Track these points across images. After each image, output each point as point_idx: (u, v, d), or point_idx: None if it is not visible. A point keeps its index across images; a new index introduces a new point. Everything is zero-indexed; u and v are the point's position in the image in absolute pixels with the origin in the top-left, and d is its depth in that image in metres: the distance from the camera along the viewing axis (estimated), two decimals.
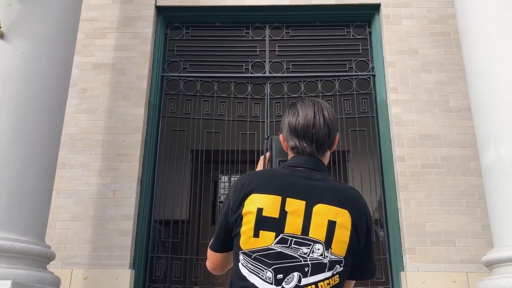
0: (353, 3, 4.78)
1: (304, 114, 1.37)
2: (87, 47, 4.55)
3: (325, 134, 1.36)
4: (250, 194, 1.28)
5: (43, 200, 3.06)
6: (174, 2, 4.81)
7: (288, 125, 1.39)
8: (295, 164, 1.36)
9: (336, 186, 1.33)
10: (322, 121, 1.36)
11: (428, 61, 4.45)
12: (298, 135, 1.36)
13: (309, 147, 1.35)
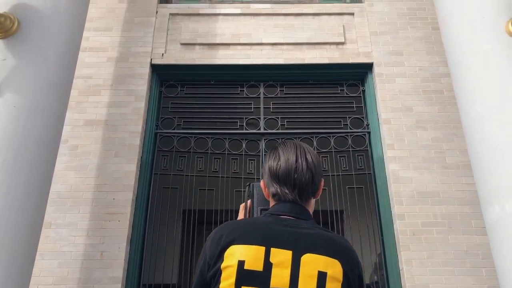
0: (346, 63, 4.86)
1: (285, 158, 1.27)
2: (80, 104, 4.51)
3: (308, 180, 1.26)
4: (230, 246, 1.14)
5: (25, 263, 2.86)
6: (170, 60, 4.85)
7: (268, 169, 1.29)
8: (278, 212, 1.24)
9: (325, 235, 1.21)
10: (305, 165, 1.26)
11: (423, 118, 4.46)
12: (279, 180, 1.26)
13: (291, 194, 1.25)
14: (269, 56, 4.91)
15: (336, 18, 5.11)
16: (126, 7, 5.08)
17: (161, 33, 4.98)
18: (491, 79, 3.13)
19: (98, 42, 4.83)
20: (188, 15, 5.15)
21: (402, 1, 5.12)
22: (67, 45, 3.37)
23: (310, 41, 4.95)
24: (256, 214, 1.40)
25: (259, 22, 5.10)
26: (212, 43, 4.95)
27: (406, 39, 4.89)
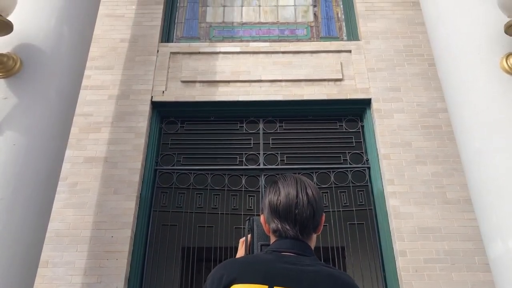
0: (344, 99, 4.91)
1: (286, 192, 1.26)
2: (81, 141, 4.54)
3: (309, 215, 1.24)
4: (232, 285, 1.12)
5: None
6: (170, 97, 4.91)
7: (268, 204, 1.27)
8: (280, 249, 1.22)
9: (328, 272, 1.19)
10: (305, 200, 1.24)
11: (422, 153, 4.47)
12: (280, 215, 1.24)
13: (292, 230, 1.22)
14: (268, 92, 4.97)
15: (334, 55, 5.20)
16: (127, 46, 5.18)
17: (162, 71, 5.07)
18: (488, 115, 3.14)
19: (99, 80, 4.90)
20: (189, 53, 5.24)
21: (398, 38, 5.22)
22: (69, 84, 3.42)
23: (308, 77, 5.02)
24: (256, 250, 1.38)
25: (258, 60, 5.19)
26: (212, 80, 5.02)
27: (403, 75, 4.96)
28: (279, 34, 5.64)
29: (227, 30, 5.69)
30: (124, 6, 5.51)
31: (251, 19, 5.78)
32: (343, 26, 5.65)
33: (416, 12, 5.40)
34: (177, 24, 5.74)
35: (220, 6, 5.92)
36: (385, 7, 5.47)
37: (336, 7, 5.85)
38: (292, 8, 5.87)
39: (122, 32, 5.30)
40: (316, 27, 5.68)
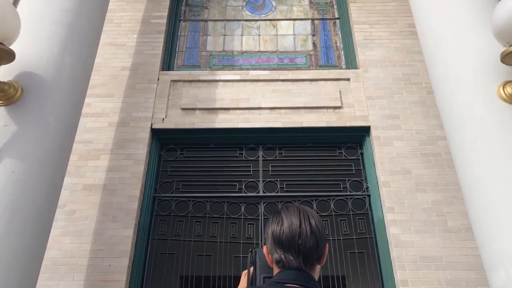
0: (343, 126, 4.93)
1: (289, 222, 1.25)
2: (80, 168, 4.53)
3: (312, 245, 1.23)
4: None
5: None
6: (170, 125, 4.93)
7: (271, 235, 1.26)
8: (283, 280, 1.20)
9: None
10: (309, 230, 1.23)
11: (422, 181, 4.45)
12: (283, 246, 1.23)
13: (295, 260, 1.21)
14: (268, 120, 4.99)
15: (333, 83, 5.25)
16: (128, 74, 5.24)
17: (162, 99, 5.10)
18: (486, 143, 3.15)
19: (100, 108, 4.94)
20: (189, 81, 5.30)
21: (396, 67, 5.28)
22: (69, 112, 3.44)
23: (307, 105, 5.06)
24: (259, 283, 1.35)
25: (257, 88, 5.23)
26: (212, 107, 5.06)
27: (402, 103, 5.00)
28: (279, 62, 5.71)
29: (227, 59, 5.76)
30: (126, 35, 5.60)
31: (251, 48, 5.86)
32: (342, 54, 5.73)
33: (413, 41, 5.48)
34: (178, 52, 5.82)
35: (220, 35, 6.01)
36: (383, 36, 5.56)
37: (335, 36, 5.94)
38: (292, 37, 5.96)
39: (124, 60, 5.37)
40: (315, 55, 5.75)
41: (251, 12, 6.23)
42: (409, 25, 5.64)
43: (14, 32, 3.04)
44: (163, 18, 5.82)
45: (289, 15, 6.19)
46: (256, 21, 6.14)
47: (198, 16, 6.23)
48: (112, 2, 5.89)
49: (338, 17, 6.12)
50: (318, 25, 6.07)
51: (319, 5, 6.30)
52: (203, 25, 6.13)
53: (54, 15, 3.65)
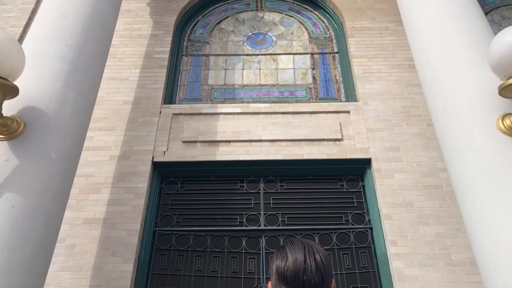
0: (344, 158, 4.93)
1: (293, 258, 1.23)
2: (80, 202, 4.52)
3: (318, 281, 1.20)
4: None
5: None
6: (171, 158, 4.94)
7: (276, 270, 1.24)
8: None
9: None
10: (314, 265, 1.22)
11: (425, 213, 4.42)
12: (287, 282, 1.21)
13: None
14: (269, 152, 5.00)
15: (333, 116, 5.29)
16: (130, 108, 5.30)
17: (164, 132, 5.14)
18: (487, 175, 3.14)
19: (101, 142, 4.96)
20: (191, 114, 5.34)
21: (395, 99, 5.33)
22: (71, 146, 3.45)
23: (308, 137, 5.08)
24: None
25: (258, 120, 5.27)
26: (213, 140, 5.08)
27: (402, 135, 5.02)
28: (279, 95, 5.77)
29: (228, 92, 5.83)
30: (129, 69, 5.69)
31: (252, 82, 5.94)
32: (341, 87, 5.79)
33: (412, 74, 5.56)
34: (180, 86, 5.90)
35: (222, 69, 6.10)
36: (381, 70, 5.64)
37: (334, 69, 6.03)
38: (292, 71, 6.05)
39: (126, 94, 5.44)
40: (315, 88, 5.82)
41: (251, 47, 6.35)
42: (407, 58, 5.74)
43: (18, 68, 3.10)
44: (166, 53, 5.92)
45: (289, 49, 6.31)
46: (257, 56, 6.24)
47: (200, 51, 6.35)
48: (116, 37, 6.03)
49: (337, 51, 6.23)
50: (317, 59, 6.17)
51: (318, 39, 6.42)
52: (205, 59, 6.24)
53: (58, 50, 3.72)
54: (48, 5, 4.11)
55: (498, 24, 6.53)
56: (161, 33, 6.16)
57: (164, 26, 6.25)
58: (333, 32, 6.49)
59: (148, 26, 6.22)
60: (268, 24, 6.65)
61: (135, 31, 6.17)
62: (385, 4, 6.43)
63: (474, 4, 4.17)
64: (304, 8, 6.86)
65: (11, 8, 6.57)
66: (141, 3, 6.55)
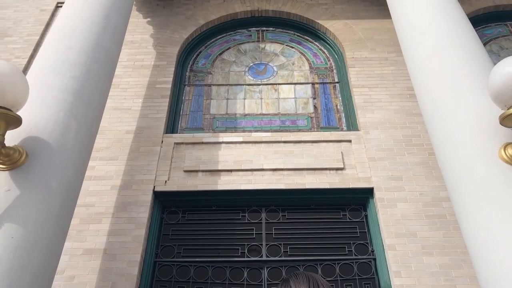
0: (346, 188, 4.91)
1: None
2: (81, 232, 4.48)
3: None
4: None
5: None
6: (172, 187, 4.93)
7: None
8: None
9: None
10: None
11: (429, 244, 4.37)
12: None
13: None
14: (270, 181, 4.99)
15: (334, 145, 5.30)
16: (133, 137, 5.32)
17: (165, 161, 5.14)
18: (491, 205, 3.11)
19: (103, 171, 4.96)
20: (192, 143, 5.36)
21: (397, 128, 5.35)
22: (72, 176, 3.45)
23: (310, 166, 5.07)
24: None
25: (260, 149, 5.28)
26: (215, 169, 5.08)
27: (404, 164, 5.01)
28: (281, 124, 5.80)
29: (230, 121, 5.86)
30: (131, 99, 5.75)
31: (254, 111, 5.98)
32: (343, 116, 5.82)
33: (413, 104, 5.59)
34: (182, 116, 5.93)
35: (224, 99, 6.16)
36: (382, 99, 5.68)
37: (335, 99, 6.07)
38: (293, 100, 6.09)
39: (128, 124, 5.47)
40: (316, 117, 5.85)
41: (253, 77, 6.42)
42: (408, 88, 5.79)
43: (22, 99, 3.12)
44: (168, 83, 5.99)
45: (290, 79, 6.37)
46: (258, 85, 6.31)
47: (202, 81, 6.42)
48: (119, 68, 6.11)
49: (338, 81, 6.29)
50: (318, 89, 6.22)
51: (319, 70, 6.49)
52: (207, 89, 6.30)
53: (62, 81, 3.76)
54: (53, 37, 4.18)
55: (497, 54, 6.61)
56: (164, 64, 6.24)
57: (167, 56, 6.34)
58: (333, 62, 6.57)
59: (151, 57, 6.32)
60: (270, 55, 6.75)
61: (138, 61, 6.26)
62: (384, 35, 6.53)
63: (473, 35, 4.23)
64: (304, 39, 6.97)
65: (16, 39, 6.69)
66: (145, 34, 6.67)
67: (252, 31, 7.15)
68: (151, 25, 6.83)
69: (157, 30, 6.74)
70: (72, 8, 4.47)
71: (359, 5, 7.08)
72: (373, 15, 6.87)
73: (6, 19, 7.05)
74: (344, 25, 6.73)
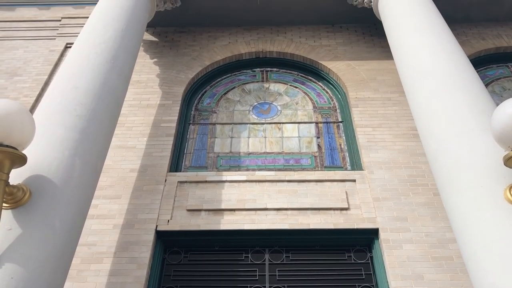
0: (351, 228, 4.85)
1: None
2: (81, 272, 4.41)
3: None
4: None
5: None
6: (175, 226, 4.88)
7: None
8: None
9: None
10: None
11: (436, 287, 4.26)
12: None
13: None
14: (274, 221, 4.94)
15: (339, 185, 5.27)
16: (136, 176, 5.32)
17: (168, 200, 5.12)
18: (498, 247, 3.06)
19: (106, 210, 4.94)
20: (196, 182, 5.35)
21: (401, 168, 5.33)
22: (75, 215, 3.43)
23: (314, 206, 5.03)
24: None
25: (263, 188, 5.26)
26: (218, 208, 5.04)
27: (409, 204, 4.96)
28: (284, 163, 5.80)
29: (234, 160, 5.87)
30: (136, 138, 5.79)
31: (257, 149, 6.00)
32: (347, 156, 5.83)
33: (417, 144, 5.60)
34: (186, 154, 5.96)
35: (228, 137, 6.19)
36: (386, 139, 5.69)
37: (339, 138, 6.10)
38: (297, 139, 6.12)
39: (133, 162, 5.49)
40: (320, 157, 5.85)
41: (257, 116, 6.48)
42: (411, 128, 5.81)
43: (28, 137, 3.15)
44: (173, 122, 6.05)
45: (293, 118, 6.42)
46: (262, 124, 6.36)
47: (207, 119, 6.48)
48: (125, 107, 6.19)
49: (341, 121, 6.33)
50: (322, 128, 6.26)
51: (323, 109, 6.55)
52: (211, 128, 6.35)
53: (68, 120, 3.81)
54: (61, 76, 4.27)
55: (500, 95, 6.67)
56: (170, 103, 6.32)
57: (172, 96, 6.43)
58: (337, 102, 6.64)
59: (157, 96, 6.41)
60: (273, 94, 6.84)
61: (144, 101, 6.35)
62: (387, 76, 6.62)
63: (474, 76, 4.29)
64: (308, 79, 7.07)
65: (26, 79, 6.83)
66: (151, 74, 6.79)
67: (256, 71, 7.27)
68: (157, 65, 6.96)
69: (164, 70, 6.87)
70: (81, 49, 4.58)
71: (361, 46, 7.22)
72: (375, 56, 6.99)
73: (16, 59, 7.22)
74: (347, 66, 6.84)
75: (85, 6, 8.07)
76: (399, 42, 5.03)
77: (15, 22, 7.82)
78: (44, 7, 8.08)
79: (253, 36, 7.49)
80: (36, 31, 7.69)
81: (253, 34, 7.55)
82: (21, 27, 7.75)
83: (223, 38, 7.51)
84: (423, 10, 5.16)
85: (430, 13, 5.14)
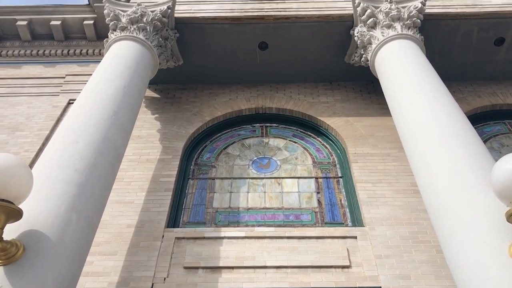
0: (353, 287, 4.71)
1: None
2: None
3: None
4: None
5: None
6: (171, 285, 4.74)
7: None
8: None
9: None
10: None
11: None
12: None
13: None
14: (274, 279, 4.79)
15: (340, 241, 5.17)
16: (133, 232, 5.23)
17: (165, 257, 5.00)
18: None
19: (101, 267, 4.81)
20: (194, 238, 5.25)
21: (402, 225, 5.25)
22: (68, 272, 3.33)
23: (314, 264, 4.90)
24: None
25: (263, 245, 5.15)
26: (216, 266, 4.91)
27: (412, 262, 4.84)
28: (284, 219, 5.72)
29: (233, 215, 5.80)
30: (135, 193, 5.75)
31: (257, 205, 5.94)
32: (347, 212, 5.76)
33: (417, 199, 5.55)
34: (185, 209, 5.89)
35: (227, 192, 6.15)
36: (386, 195, 5.65)
37: (339, 193, 6.05)
38: (296, 194, 6.08)
39: (130, 217, 5.41)
40: (320, 212, 5.78)
41: (257, 171, 6.47)
42: (411, 184, 5.78)
43: (25, 192, 3.13)
44: (172, 176, 6.03)
45: (293, 173, 6.41)
46: (262, 179, 6.33)
47: (206, 174, 6.47)
48: (125, 162, 6.20)
49: (341, 176, 6.32)
50: (322, 183, 6.23)
51: (322, 164, 6.56)
52: (211, 182, 6.33)
53: (67, 175, 3.80)
54: (62, 131, 4.31)
55: (498, 151, 6.70)
56: (169, 158, 6.33)
57: (172, 151, 6.46)
58: (336, 158, 6.65)
59: (157, 151, 6.43)
60: (273, 149, 6.87)
61: (144, 155, 6.36)
62: (385, 132, 6.68)
63: (472, 132, 4.32)
64: (307, 134, 7.13)
65: (27, 134, 6.89)
66: (152, 129, 6.86)
67: (256, 127, 7.35)
68: (158, 120, 7.05)
69: (164, 125, 6.95)
70: (83, 105, 4.66)
71: (359, 103, 7.34)
72: (373, 113, 7.09)
73: (19, 115, 7.32)
74: (345, 122, 6.92)
75: (89, 64, 8.29)
76: (396, 98, 5.12)
77: (21, 79, 8.02)
78: (50, 65, 8.30)
79: (253, 93, 7.64)
80: (40, 87, 7.85)
81: (253, 91, 7.71)
82: (26, 83, 7.93)
83: (223, 94, 7.65)
84: (419, 68, 5.30)
85: (426, 70, 5.27)
